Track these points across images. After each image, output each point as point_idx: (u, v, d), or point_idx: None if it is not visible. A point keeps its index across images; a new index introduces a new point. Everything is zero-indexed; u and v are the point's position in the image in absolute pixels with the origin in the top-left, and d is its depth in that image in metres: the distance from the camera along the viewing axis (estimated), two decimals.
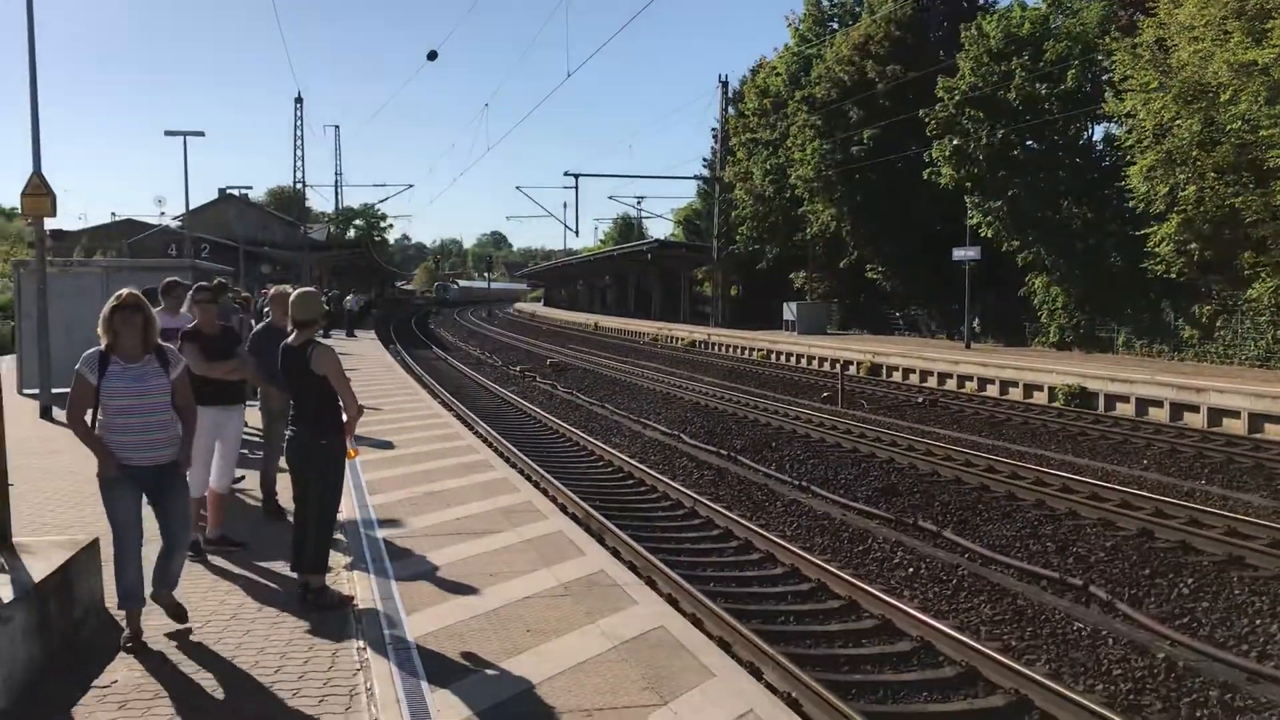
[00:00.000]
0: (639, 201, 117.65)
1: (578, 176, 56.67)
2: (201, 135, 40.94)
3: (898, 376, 29.33)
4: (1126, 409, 21.28)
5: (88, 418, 5.85)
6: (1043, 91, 30.40)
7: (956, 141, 31.92)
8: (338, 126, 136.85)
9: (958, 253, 32.41)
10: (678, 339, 48.00)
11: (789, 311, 43.43)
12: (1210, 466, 15.53)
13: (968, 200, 32.30)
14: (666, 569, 9.28)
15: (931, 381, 27.65)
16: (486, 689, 5.37)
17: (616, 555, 9.16)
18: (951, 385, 26.76)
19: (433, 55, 44.18)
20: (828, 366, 32.17)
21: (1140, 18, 25.24)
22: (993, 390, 25.26)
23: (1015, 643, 8.02)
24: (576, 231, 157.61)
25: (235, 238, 56.75)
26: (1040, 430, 19.34)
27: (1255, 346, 25.22)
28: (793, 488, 13.82)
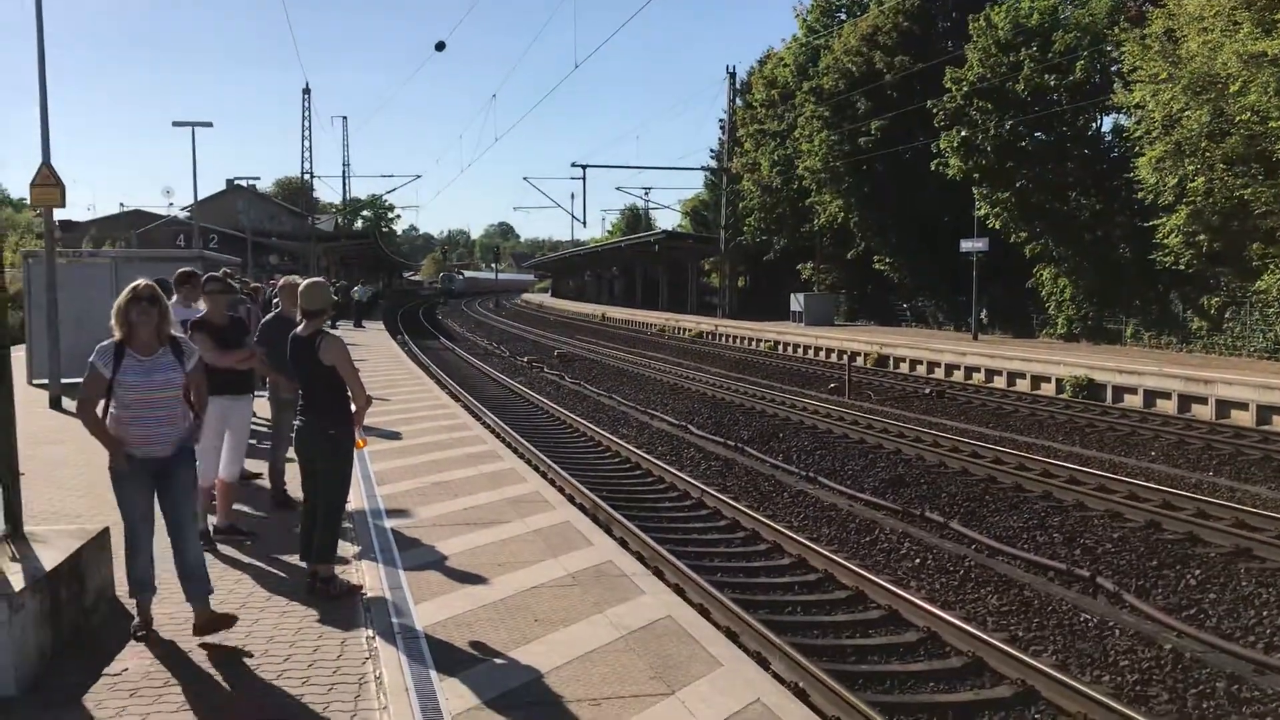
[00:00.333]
0: (646, 192, 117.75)
1: (585, 167, 56.48)
2: (209, 126, 41.23)
3: (905, 368, 29.31)
4: (1134, 401, 21.24)
5: (98, 409, 5.85)
6: (1051, 82, 30.28)
7: (964, 132, 31.80)
8: (345, 117, 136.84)
9: (965, 244, 32.37)
10: (685, 330, 47.98)
11: (796, 302, 43.37)
12: (1218, 458, 15.51)
13: (975, 191, 32.23)
14: (674, 559, 9.30)
15: (939, 373, 27.63)
16: (494, 678, 5.39)
17: (624, 545, 9.18)
18: (959, 376, 26.73)
19: (440, 46, 44.02)
20: (835, 357, 32.12)
21: (1149, 8, 25.14)
22: (1000, 381, 25.24)
23: (1022, 633, 8.04)
24: (584, 222, 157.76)
25: (243, 228, 56.88)
26: (1048, 422, 19.32)
27: (1264, 338, 25.15)
28: (800, 478, 13.83)
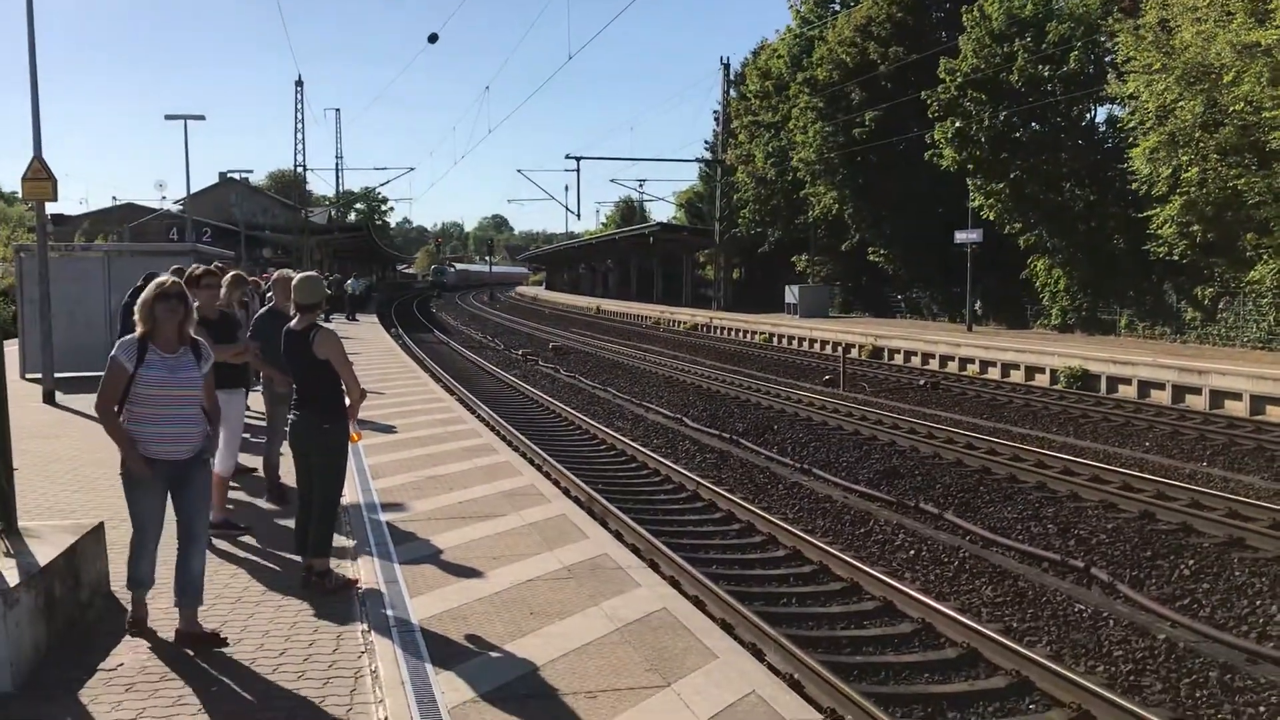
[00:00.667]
0: (641, 184, 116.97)
1: (579, 159, 56.25)
2: (202, 119, 40.81)
3: (899, 359, 29.34)
4: (1128, 391, 21.29)
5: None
6: (1045, 73, 30.26)
7: (959, 123, 31.78)
8: (338, 110, 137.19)
9: (960, 235, 32.41)
10: (680, 322, 47.99)
11: (791, 294, 43.40)
12: (1212, 449, 15.55)
13: (970, 182, 32.24)
14: (669, 551, 9.31)
15: (933, 364, 27.66)
16: (490, 671, 5.40)
17: (619, 538, 9.20)
18: (953, 368, 26.77)
19: (433, 38, 44.06)
20: (830, 349, 32.16)
21: None
22: (994, 373, 25.28)
23: (1016, 624, 8.06)
24: (578, 215, 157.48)
25: (236, 221, 56.69)
26: (1042, 413, 19.36)
27: (1257, 329, 25.21)
28: (794, 470, 13.84)
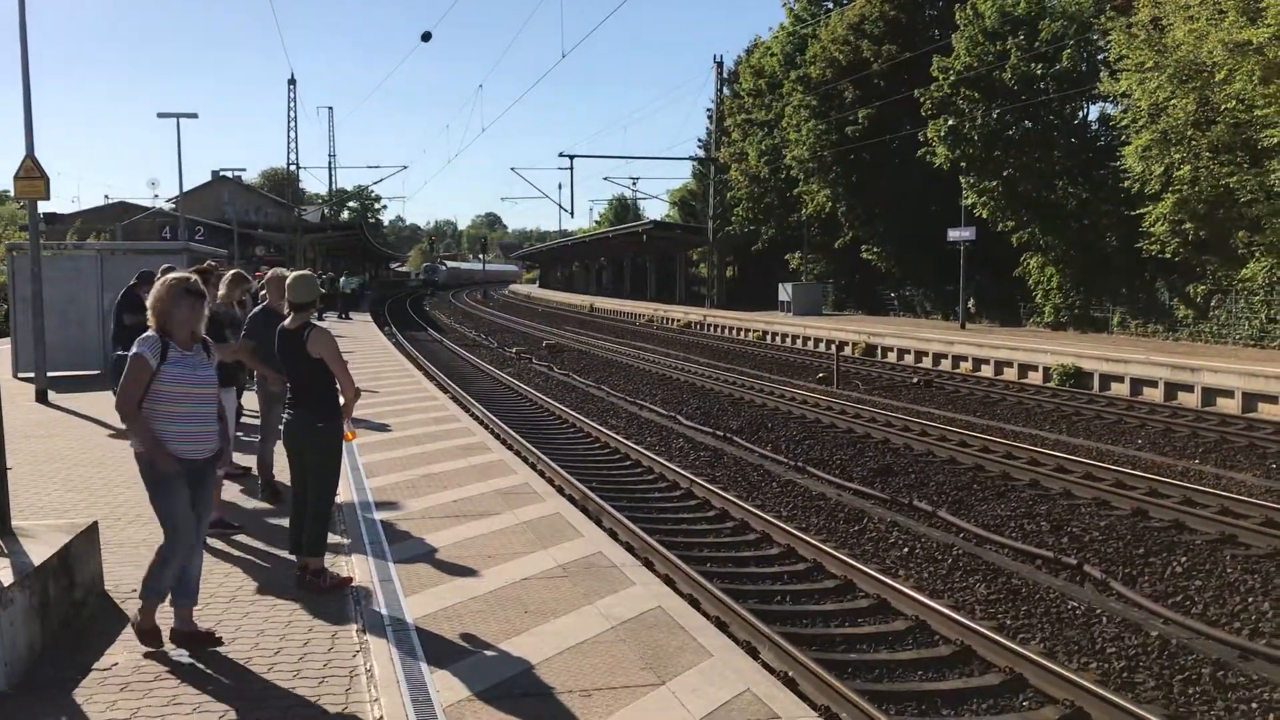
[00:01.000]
0: (634, 182, 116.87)
1: (573, 158, 57.02)
2: (195, 117, 40.60)
3: (893, 357, 29.38)
4: (1121, 389, 21.34)
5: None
6: (1038, 71, 30.33)
7: (952, 121, 31.84)
8: (331, 108, 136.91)
9: (953, 233, 32.46)
10: (673, 320, 47.99)
11: (784, 292, 43.43)
12: (1204, 446, 15.60)
13: (963, 180, 32.28)
14: (663, 550, 9.32)
15: (926, 362, 27.70)
16: (485, 670, 5.40)
17: (614, 536, 9.20)
18: (946, 366, 26.81)
19: (427, 36, 43.78)
20: (823, 347, 32.18)
21: None
22: (987, 370, 25.33)
23: (1010, 622, 8.08)
24: (572, 213, 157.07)
25: (229, 220, 56.56)
26: (1035, 410, 19.40)
27: (1249, 326, 25.29)
28: (788, 468, 13.86)
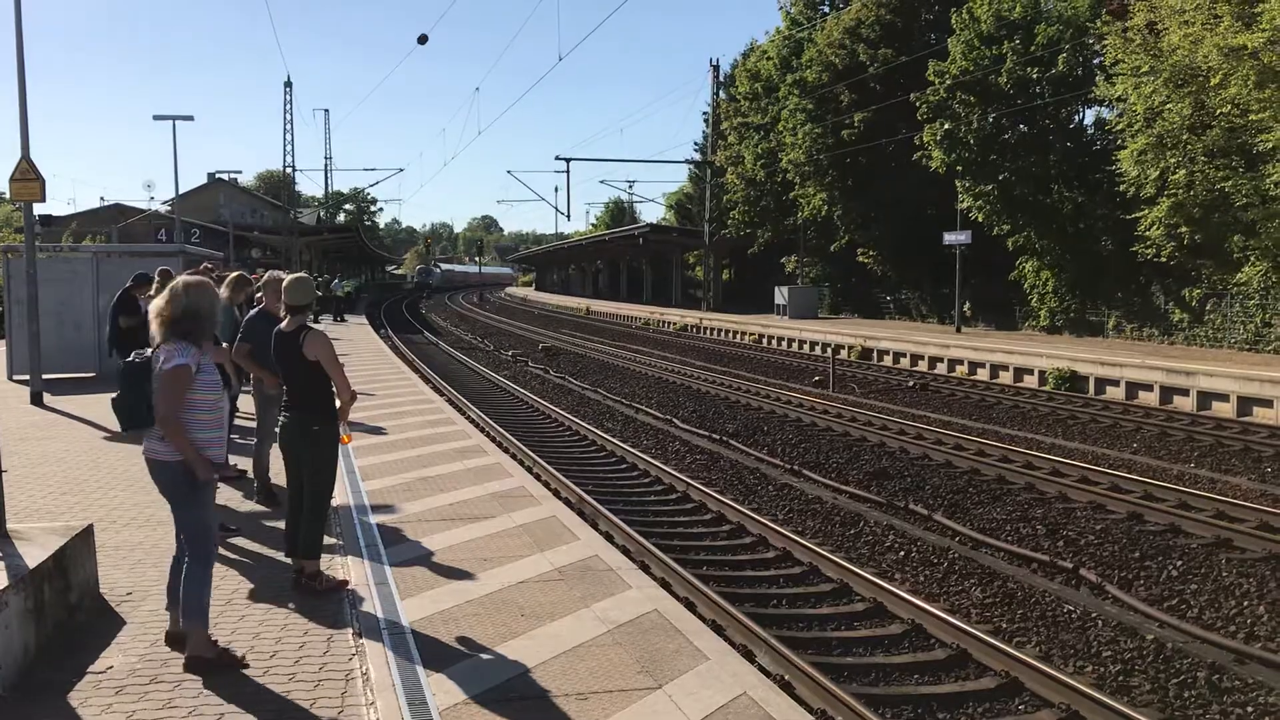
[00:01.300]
0: (630, 185, 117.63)
1: (569, 161, 56.85)
2: (190, 119, 40.92)
3: (888, 360, 29.40)
4: (1116, 393, 21.37)
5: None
6: (1033, 75, 30.40)
7: (947, 125, 31.91)
8: (327, 110, 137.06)
9: (948, 237, 32.50)
10: (669, 323, 48.00)
11: (780, 295, 43.45)
12: (1199, 450, 15.62)
13: (958, 184, 32.34)
14: (660, 553, 9.31)
15: (922, 365, 27.73)
16: (482, 673, 5.40)
17: (610, 540, 9.20)
18: (942, 369, 26.84)
19: (423, 39, 43.85)
20: (819, 350, 32.20)
21: (1131, 1, 25.23)
22: (983, 374, 25.35)
23: (1006, 625, 8.08)
24: (568, 216, 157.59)
25: (224, 222, 56.54)
26: (1030, 414, 19.42)
27: (1244, 330, 25.34)
28: (784, 471, 13.86)
